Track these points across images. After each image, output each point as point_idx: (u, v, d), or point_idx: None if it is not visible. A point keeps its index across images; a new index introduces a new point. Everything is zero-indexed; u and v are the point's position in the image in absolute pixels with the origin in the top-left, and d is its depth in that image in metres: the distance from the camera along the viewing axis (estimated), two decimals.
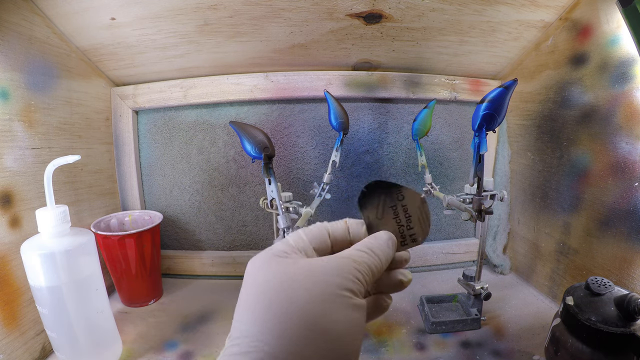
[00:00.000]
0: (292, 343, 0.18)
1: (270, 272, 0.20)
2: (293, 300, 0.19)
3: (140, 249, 0.57)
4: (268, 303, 0.19)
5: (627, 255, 0.45)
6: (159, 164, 0.69)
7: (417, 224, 0.25)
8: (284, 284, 0.20)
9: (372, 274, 0.22)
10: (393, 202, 0.25)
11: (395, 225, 0.25)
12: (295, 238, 0.23)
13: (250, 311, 0.19)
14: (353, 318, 0.20)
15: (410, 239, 0.25)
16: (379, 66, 0.66)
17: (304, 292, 0.19)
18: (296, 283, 0.19)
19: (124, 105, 0.65)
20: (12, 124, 0.44)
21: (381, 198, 0.25)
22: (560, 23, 0.54)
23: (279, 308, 0.19)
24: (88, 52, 0.57)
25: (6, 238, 0.43)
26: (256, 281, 0.20)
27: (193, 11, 0.51)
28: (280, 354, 0.18)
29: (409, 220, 0.25)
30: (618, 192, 0.47)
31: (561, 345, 0.39)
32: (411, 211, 0.25)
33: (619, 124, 0.46)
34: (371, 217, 0.25)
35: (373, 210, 0.25)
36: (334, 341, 0.19)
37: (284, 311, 0.19)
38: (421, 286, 0.66)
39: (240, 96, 0.65)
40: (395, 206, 0.25)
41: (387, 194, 0.25)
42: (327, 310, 0.19)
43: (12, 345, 0.42)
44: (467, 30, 0.57)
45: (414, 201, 0.25)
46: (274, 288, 0.20)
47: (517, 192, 0.68)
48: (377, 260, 0.23)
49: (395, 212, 0.25)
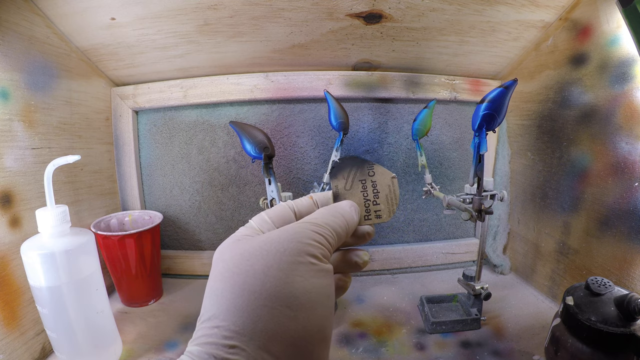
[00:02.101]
0: (256, 317, 0.17)
1: (229, 254, 0.20)
2: (250, 273, 0.18)
3: (140, 249, 0.57)
4: (227, 282, 0.19)
5: (627, 255, 0.45)
6: (159, 164, 0.69)
7: (384, 201, 0.25)
8: (242, 261, 0.19)
9: (336, 236, 0.21)
10: (363, 176, 0.25)
11: (362, 198, 0.25)
12: (257, 220, 0.22)
13: (213, 294, 0.19)
14: (317, 284, 0.19)
15: (374, 215, 0.25)
16: (379, 66, 0.66)
17: (260, 264, 0.18)
18: (253, 257, 0.19)
19: (124, 105, 0.65)
20: (12, 124, 0.44)
21: (352, 170, 0.25)
22: (560, 23, 0.54)
23: (238, 284, 0.18)
24: (88, 52, 0.57)
25: (6, 238, 0.43)
26: (217, 266, 0.20)
27: (193, 11, 0.51)
28: (244, 330, 0.17)
29: (377, 196, 0.25)
30: (618, 192, 0.47)
31: (561, 345, 0.39)
32: (380, 188, 0.25)
33: (619, 124, 0.46)
34: (339, 187, 0.25)
35: (342, 180, 0.25)
36: (300, 310, 0.18)
37: (242, 286, 0.18)
38: (421, 286, 0.66)
39: (240, 96, 0.65)
40: (365, 180, 0.25)
41: (359, 167, 0.26)
42: (287, 278, 0.18)
43: (12, 345, 0.42)
44: (467, 30, 0.57)
45: (384, 179, 0.25)
46: (232, 267, 0.19)
47: (517, 192, 0.68)
48: (341, 220, 0.22)
49: (363, 186, 0.25)
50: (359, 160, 0.26)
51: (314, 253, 0.19)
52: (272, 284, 0.18)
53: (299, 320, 0.18)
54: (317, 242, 0.20)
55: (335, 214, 0.22)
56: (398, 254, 0.71)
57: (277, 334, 0.17)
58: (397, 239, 0.73)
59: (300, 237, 0.20)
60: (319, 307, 0.19)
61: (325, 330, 0.19)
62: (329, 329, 0.20)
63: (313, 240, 0.20)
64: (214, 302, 0.18)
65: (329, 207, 0.23)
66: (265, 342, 0.17)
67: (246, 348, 0.17)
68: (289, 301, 0.18)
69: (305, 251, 0.19)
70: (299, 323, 0.18)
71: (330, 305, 0.20)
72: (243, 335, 0.17)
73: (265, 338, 0.17)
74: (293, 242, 0.19)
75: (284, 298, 0.18)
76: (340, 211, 0.22)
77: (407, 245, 0.72)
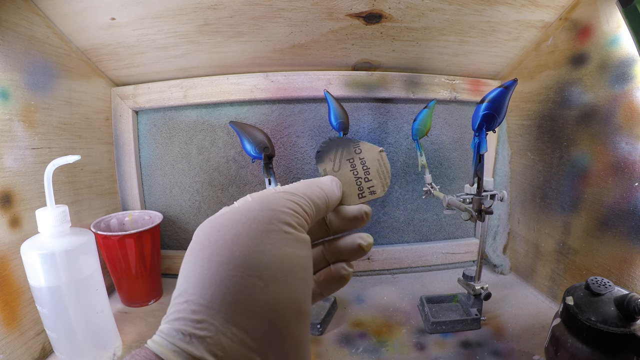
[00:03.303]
0: (224, 289, 0.16)
1: (203, 229, 0.19)
2: (219, 244, 0.17)
3: (140, 249, 0.57)
4: (197, 255, 0.18)
5: (627, 255, 0.45)
6: (159, 164, 0.69)
7: (375, 176, 0.24)
8: (212, 232, 0.18)
9: (314, 205, 0.20)
10: (350, 155, 0.25)
11: (352, 177, 0.24)
12: (241, 202, 0.21)
13: (184, 269, 0.18)
14: (290, 254, 0.18)
15: (368, 191, 0.24)
16: (379, 66, 0.66)
17: (230, 233, 0.17)
18: (224, 228, 0.18)
19: (124, 105, 0.65)
20: (12, 124, 0.44)
21: (338, 151, 0.25)
22: (560, 23, 0.54)
23: (206, 256, 0.17)
24: (88, 52, 0.57)
25: (6, 238, 0.43)
26: (192, 242, 0.19)
27: (193, 11, 0.51)
28: (212, 303, 0.16)
29: (367, 173, 0.24)
30: (618, 192, 0.47)
31: (561, 345, 0.39)
32: (370, 164, 0.25)
33: (619, 124, 0.46)
34: (327, 169, 0.25)
35: (330, 163, 0.25)
36: (271, 280, 0.17)
37: (211, 258, 0.17)
38: (421, 286, 0.66)
39: (240, 96, 0.65)
40: (353, 159, 0.25)
41: (344, 147, 0.25)
42: (257, 246, 0.17)
43: (12, 345, 0.42)
44: (467, 30, 0.57)
45: (372, 154, 0.25)
46: (203, 240, 0.18)
47: (517, 192, 0.67)
48: (319, 191, 0.21)
49: (352, 165, 0.25)
50: (343, 141, 0.25)
51: (288, 221, 0.18)
52: (241, 253, 0.17)
53: (270, 291, 0.17)
54: (291, 210, 0.19)
55: (312, 185, 0.21)
56: (398, 254, 0.71)
57: (247, 306, 0.16)
58: (397, 239, 0.73)
59: (273, 205, 0.18)
60: (291, 279, 0.18)
61: (302, 304, 0.18)
62: (306, 304, 0.18)
63: (287, 207, 0.19)
64: (185, 277, 0.17)
65: (308, 180, 0.22)
66: (234, 314, 0.16)
67: (214, 322, 0.16)
68: (258, 271, 0.17)
69: (278, 218, 0.18)
70: (270, 294, 0.17)
71: (306, 278, 0.19)
72: (211, 308, 0.16)
73: (234, 310, 0.16)
74: (265, 210, 0.18)
75: (254, 267, 0.17)
76: (319, 184, 0.22)
77: (407, 245, 0.72)
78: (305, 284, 0.18)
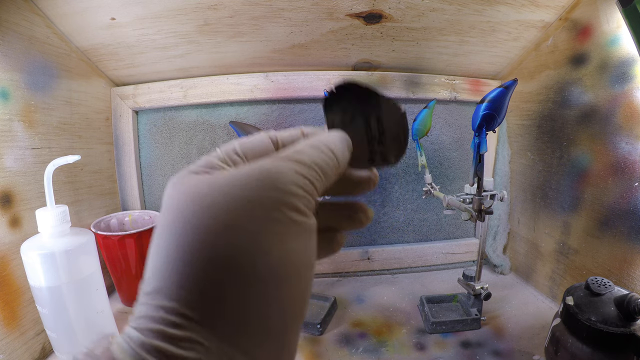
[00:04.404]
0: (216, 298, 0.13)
1: (175, 196, 0.14)
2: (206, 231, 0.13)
3: (140, 249, 0.57)
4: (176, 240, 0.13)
5: (627, 255, 0.45)
6: (159, 164, 0.69)
7: (391, 141, 0.20)
8: (195, 208, 0.13)
9: (325, 179, 0.15)
10: (365, 109, 0.19)
11: (365, 136, 0.19)
12: (225, 148, 0.16)
13: (157, 254, 0.14)
14: (296, 250, 0.14)
15: (380, 158, 0.20)
16: (379, 66, 0.66)
17: (222, 217, 0.13)
18: (212, 207, 0.13)
19: (124, 105, 0.65)
20: (12, 124, 0.44)
21: (352, 102, 0.19)
22: (560, 23, 0.54)
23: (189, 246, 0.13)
24: (88, 52, 0.57)
25: (6, 238, 0.43)
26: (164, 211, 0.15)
27: (193, 11, 0.51)
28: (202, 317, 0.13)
29: (382, 135, 0.19)
30: (618, 192, 0.46)
31: (561, 345, 0.39)
32: (387, 125, 0.19)
33: (619, 124, 0.46)
34: (336, 121, 0.19)
35: (339, 114, 0.19)
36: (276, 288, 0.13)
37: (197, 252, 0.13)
38: (421, 286, 0.66)
39: (240, 96, 0.65)
40: (368, 115, 0.19)
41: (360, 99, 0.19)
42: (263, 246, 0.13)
43: (12, 345, 0.42)
44: (467, 30, 0.57)
45: (392, 114, 0.19)
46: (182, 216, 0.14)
47: (517, 192, 0.67)
48: (331, 158, 0.16)
49: (366, 122, 0.19)
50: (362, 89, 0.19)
51: (298, 206, 0.14)
52: (239, 252, 0.13)
53: (272, 299, 0.13)
54: (301, 189, 0.14)
55: (322, 147, 0.16)
56: (398, 254, 0.71)
57: (247, 321, 0.13)
58: (397, 239, 0.73)
59: (280, 182, 0.14)
60: (296, 280, 0.14)
61: (302, 306, 0.15)
62: (306, 306, 0.15)
63: (296, 185, 0.14)
64: (159, 268, 0.14)
65: (316, 140, 0.17)
66: (233, 333, 0.13)
67: (204, 342, 0.12)
68: (261, 275, 0.13)
69: (286, 203, 0.14)
70: (272, 303, 0.13)
71: (311, 277, 0.15)
72: (200, 323, 0.13)
73: (232, 328, 0.13)
74: (269, 189, 0.14)
75: (256, 271, 0.13)
76: (330, 144, 0.16)
77: (407, 245, 0.72)
78: (308, 284, 0.15)
